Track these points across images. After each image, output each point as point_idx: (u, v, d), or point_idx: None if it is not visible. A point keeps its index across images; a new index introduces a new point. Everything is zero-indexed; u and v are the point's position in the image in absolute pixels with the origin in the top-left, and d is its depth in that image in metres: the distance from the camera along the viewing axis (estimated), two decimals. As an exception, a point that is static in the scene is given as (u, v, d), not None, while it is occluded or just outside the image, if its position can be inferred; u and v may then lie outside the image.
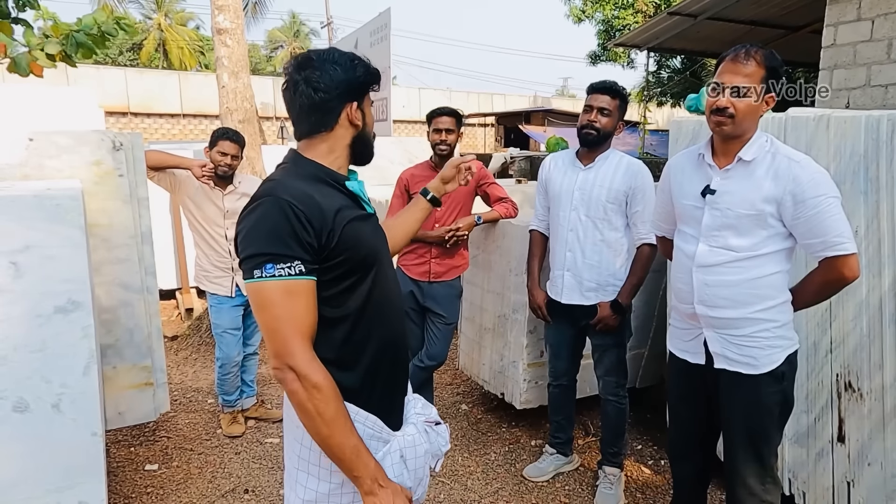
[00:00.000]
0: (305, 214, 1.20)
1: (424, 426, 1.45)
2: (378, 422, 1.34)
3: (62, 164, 2.44)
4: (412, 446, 1.37)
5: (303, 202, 1.21)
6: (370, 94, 1.43)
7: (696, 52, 11.43)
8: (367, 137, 1.42)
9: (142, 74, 21.98)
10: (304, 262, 1.19)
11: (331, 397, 1.21)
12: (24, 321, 1.86)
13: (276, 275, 1.17)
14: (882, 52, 4.74)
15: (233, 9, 4.99)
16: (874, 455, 2.17)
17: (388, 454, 1.33)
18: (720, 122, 1.76)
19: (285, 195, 1.21)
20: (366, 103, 1.40)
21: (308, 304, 1.21)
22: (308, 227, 1.20)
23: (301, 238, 1.19)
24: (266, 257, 1.17)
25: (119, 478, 2.92)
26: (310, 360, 1.20)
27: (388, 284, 1.40)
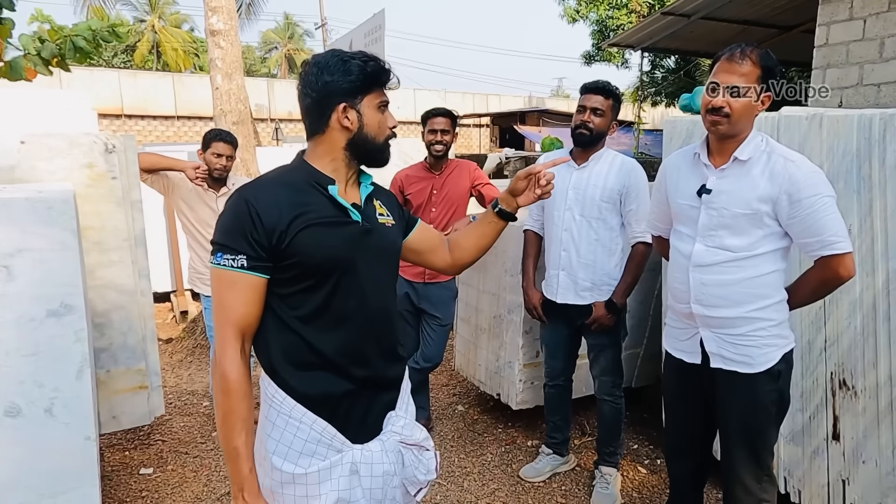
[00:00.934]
0: (258, 212, 1.24)
1: (399, 447, 1.39)
2: (329, 429, 1.31)
3: (54, 166, 2.42)
4: (368, 463, 1.33)
5: (260, 200, 1.25)
6: (381, 93, 1.36)
7: (689, 51, 11.46)
8: (364, 140, 1.35)
9: (135, 76, 21.89)
10: (249, 258, 1.24)
11: (232, 391, 1.24)
12: (17, 325, 1.85)
13: (222, 264, 1.24)
14: (874, 51, 4.76)
15: (226, 10, 4.97)
16: (869, 453, 2.18)
17: (337, 465, 1.31)
18: (716, 121, 1.76)
19: (249, 193, 1.28)
20: (365, 104, 1.33)
21: (246, 297, 1.25)
22: (258, 225, 1.23)
23: (248, 234, 1.23)
24: (218, 246, 1.26)
25: (114, 482, 2.90)
26: (230, 349, 1.25)
27: (362, 295, 1.33)
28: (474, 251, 1.63)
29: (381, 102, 1.36)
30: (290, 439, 1.30)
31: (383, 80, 1.35)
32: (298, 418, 1.30)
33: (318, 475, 1.30)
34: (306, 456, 1.30)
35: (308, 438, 1.30)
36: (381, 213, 1.44)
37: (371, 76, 1.32)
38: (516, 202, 1.57)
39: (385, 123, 1.37)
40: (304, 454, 1.30)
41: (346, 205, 1.34)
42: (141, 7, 31.97)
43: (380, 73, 1.34)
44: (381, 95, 1.35)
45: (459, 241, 1.64)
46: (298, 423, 1.30)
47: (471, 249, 1.63)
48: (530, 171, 1.55)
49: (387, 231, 1.44)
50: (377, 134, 1.35)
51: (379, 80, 1.34)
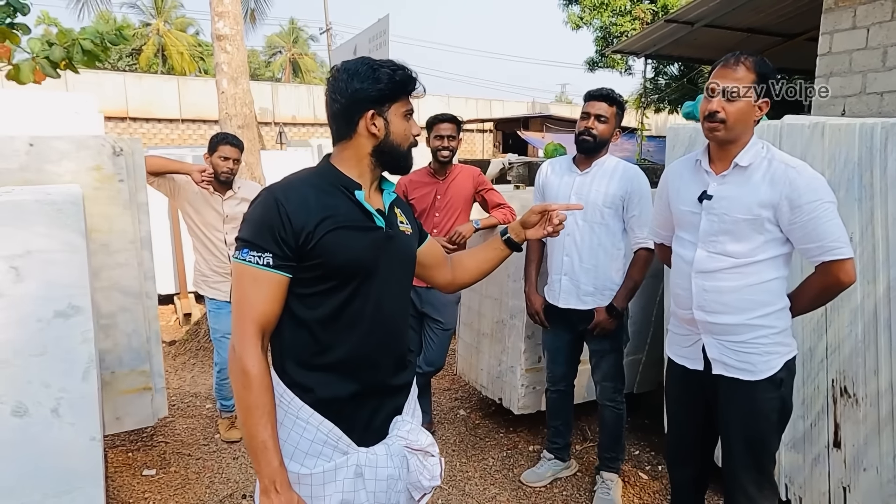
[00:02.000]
0: (287, 212, 1.25)
1: (404, 451, 1.39)
2: (335, 430, 1.32)
3: (62, 169, 2.45)
4: (373, 466, 1.34)
5: (291, 200, 1.27)
6: (407, 101, 1.38)
7: (693, 59, 11.49)
8: (390, 147, 1.37)
9: (141, 79, 21.99)
10: (275, 257, 1.25)
11: (254, 386, 1.24)
12: (25, 325, 1.87)
13: (248, 260, 1.25)
14: (877, 60, 4.78)
15: (232, 15, 5.01)
16: (870, 460, 2.18)
17: (342, 467, 1.32)
18: (712, 127, 1.78)
19: (280, 192, 1.29)
20: (392, 112, 1.35)
21: (269, 294, 1.26)
22: (287, 225, 1.25)
23: (276, 233, 1.25)
24: (244, 243, 1.27)
25: (117, 483, 2.91)
26: (250, 345, 1.25)
27: (378, 301, 1.35)
28: (475, 273, 1.67)
29: (407, 111, 1.38)
30: (296, 439, 1.32)
31: (410, 88, 1.36)
32: (305, 419, 1.31)
33: (322, 476, 1.31)
34: (312, 457, 1.32)
35: (314, 439, 1.31)
36: (401, 221, 1.46)
37: (399, 84, 1.34)
38: (525, 234, 1.62)
39: (410, 131, 1.40)
40: (310, 455, 1.32)
41: (372, 210, 1.36)
42: (147, 11, 32.16)
43: (407, 81, 1.35)
44: (407, 104, 1.37)
45: (462, 261, 1.67)
46: (305, 424, 1.31)
47: (472, 271, 1.66)
48: (546, 207, 1.58)
49: (407, 239, 1.46)
50: (402, 141, 1.38)
51: (406, 89, 1.36)
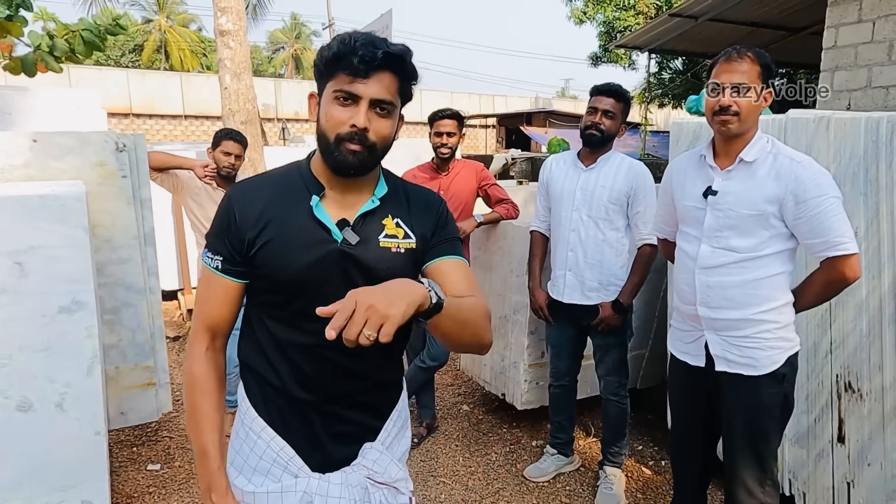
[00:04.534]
0: (236, 213, 1.15)
1: (366, 482, 1.20)
2: (287, 449, 1.19)
3: (66, 164, 2.45)
4: (324, 495, 1.17)
5: (241, 202, 1.17)
6: (346, 79, 1.08)
7: (697, 53, 11.43)
8: (319, 136, 1.13)
9: (144, 76, 22.02)
10: (224, 261, 1.17)
11: (195, 388, 1.19)
12: (29, 321, 1.88)
13: (205, 261, 1.20)
14: (883, 53, 4.75)
15: (235, 11, 5.01)
16: (874, 455, 2.17)
17: (289, 491, 1.17)
18: (725, 120, 1.77)
19: (237, 190, 1.21)
20: (325, 93, 1.11)
21: (219, 298, 1.19)
22: (234, 227, 1.15)
23: (225, 236, 1.16)
24: (207, 242, 1.21)
25: (121, 477, 2.93)
26: (196, 347, 1.21)
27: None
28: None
29: (338, 91, 1.08)
30: (247, 453, 1.22)
31: (344, 65, 1.07)
32: (257, 432, 1.21)
33: (266, 497, 1.18)
34: (260, 474, 1.20)
35: (263, 456, 1.20)
36: (389, 235, 1.18)
37: (331, 60, 1.08)
38: None
39: (340, 118, 1.09)
40: (258, 472, 1.20)
41: (327, 221, 1.14)
42: (149, 7, 32.15)
43: (339, 56, 1.07)
44: (342, 83, 1.08)
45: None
46: (256, 438, 1.21)
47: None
48: None
49: (386, 256, 1.16)
50: (326, 129, 1.11)
51: (342, 64, 1.07)
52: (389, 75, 1.09)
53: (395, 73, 1.10)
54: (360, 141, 1.09)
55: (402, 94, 1.15)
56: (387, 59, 1.07)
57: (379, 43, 1.07)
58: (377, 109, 1.10)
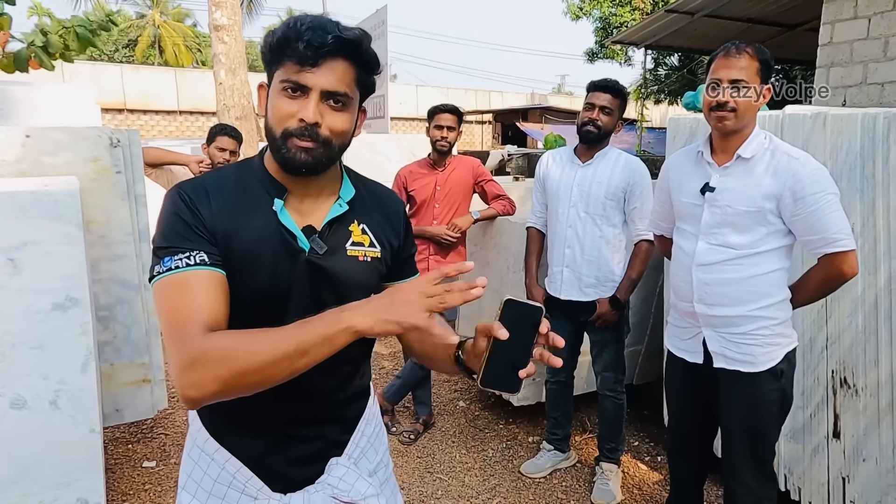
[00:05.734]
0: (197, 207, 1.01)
1: (330, 501, 1.12)
2: (243, 470, 1.09)
3: (59, 160, 2.43)
4: None
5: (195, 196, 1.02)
6: (294, 68, 0.96)
7: (693, 49, 11.44)
8: (267, 130, 1.01)
9: (138, 71, 21.89)
10: (209, 254, 0.99)
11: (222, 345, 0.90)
12: (22, 318, 1.86)
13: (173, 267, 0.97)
14: (878, 49, 4.76)
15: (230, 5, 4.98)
16: (869, 451, 2.18)
17: None
18: (722, 116, 1.76)
19: (185, 185, 1.06)
20: (273, 82, 1.00)
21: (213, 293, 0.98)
22: (200, 218, 1.00)
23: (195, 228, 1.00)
24: (161, 250, 1.01)
25: (117, 475, 2.91)
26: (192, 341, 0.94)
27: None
28: (419, 354, 1.19)
29: (282, 81, 0.97)
30: (199, 475, 1.11)
31: (289, 52, 0.95)
32: (211, 454, 1.10)
33: None
34: (216, 498, 1.10)
35: (218, 479, 1.10)
36: (356, 242, 1.09)
37: (276, 46, 0.97)
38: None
39: (286, 110, 0.97)
40: (214, 496, 1.10)
41: (294, 228, 1.04)
42: (143, 2, 31.95)
43: (285, 41, 0.95)
44: (289, 72, 0.97)
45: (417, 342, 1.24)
46: (210, 460, 1.11)
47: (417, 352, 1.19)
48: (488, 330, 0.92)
49: (354, 266, 1.08)
50: (272, 124, 0.99)
51: (286, 51, 0.96)
52: (343, 63, 0.97)
53: (351, 61, 0.98)
54: (311, 137, 0.98)
55: (360, 85, 1.02)
56: (339, 44, 0.95)
57: (329, 26, 0.96)
58: (330, 102, 0.98)
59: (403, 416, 3.47)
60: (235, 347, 0.88)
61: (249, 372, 0.87)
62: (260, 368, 0.86)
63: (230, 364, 0.87)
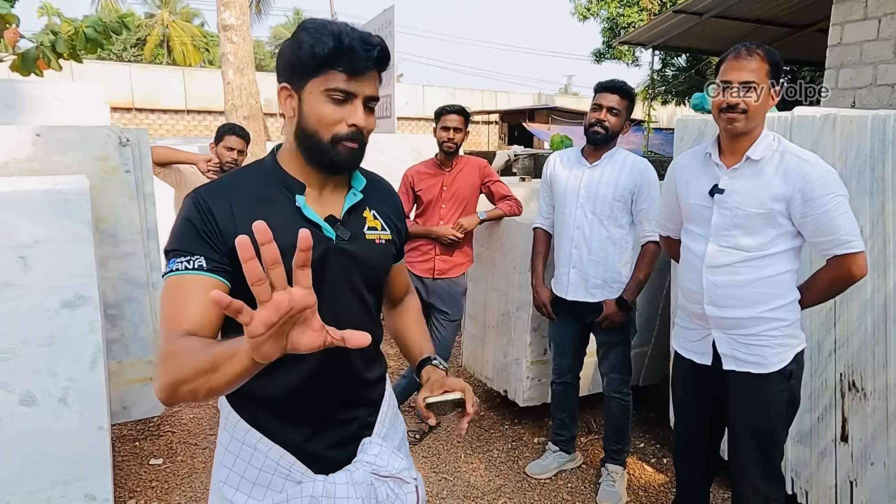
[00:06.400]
0: (213, 212, 1.05)
1: (370, 478, 1.18)
2: (287, 457, 1.14)
3: (69, 159, 2.44)
4: (332, 497, 1.14)
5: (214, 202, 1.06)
6: (338, 77, 1.04)
7: (701, 50, 11.39)
8: (305, 135, 1.08)
9: (146, 70, 22.01)
10: (208, 259, 1.03)
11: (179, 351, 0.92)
12: (32, 315, 1.88)
13: (175, 269, 1.03)
14: (888, 51, 4.73)
15: (238, 5, 5.00)
16: (877, 455, 2.17)
17: (295, 498, 1.13)
18: (732, 118, 1.75)
19: (202, 192, 1.09)
20: (308, 89, 1.06)
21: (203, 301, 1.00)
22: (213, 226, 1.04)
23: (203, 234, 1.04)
24: (169, 253, 1.07)
25: (124, 472, 2.93)
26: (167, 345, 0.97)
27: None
28: (393, 332, 1.41)
29: (331, 90, 1.04)
30: (242, 467, 1.15)
31: (343, 62, 1.03)
32: (252, 445, 1.15)
33: None
34: (261, 487, 1.15)
35: (263, 467, 1.14)
36: (371, 227, 1.19)
37: (326, 56, 1.03)
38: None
39: (333, 117, 1.06)
40: (259, 485, 1.15)
41: (318, 219, 1.11)
42: (152, 2, 32.12)
43: (336, 52, 1.02)
44: (333, 80, 1.04)
45: (400, 316, 1.41)
46: (252, 450, 1.15)
47: (393, 330, 1.41)
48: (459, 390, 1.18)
49: (373, 249, 1.18)
50: (318, 129, 1.06)
51: (334, 62, 1.03)
52: (375, 71, 1.09)
53: (380, 70, 1.10)
54: (358, 139, 1.08)
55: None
56: (380, 56, 1.07)
57: (372, 41, 1.05)
58: (367, 106, 1.09)
59: (408, 416, 3.48)
60: (181, 355, 0.91)
61: (181, 382, 0.90)
62: (188, 379, 0.89)
63: (172, 372, 0.91)
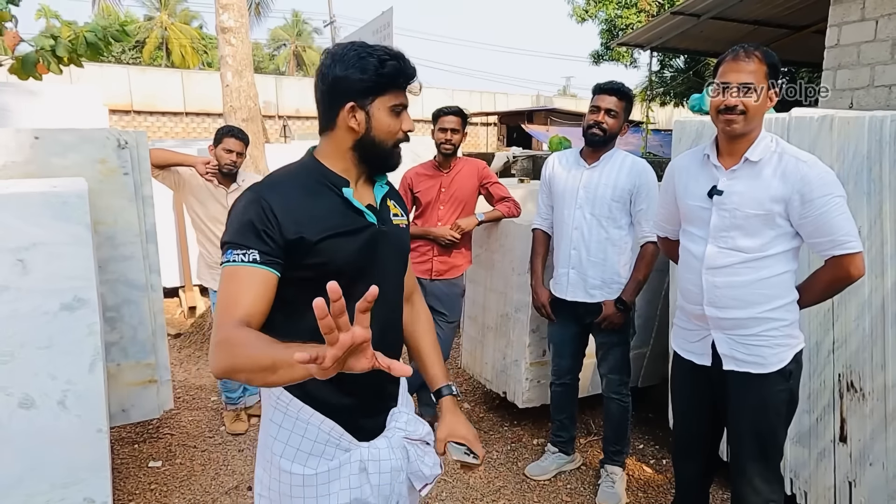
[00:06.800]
0: (273, 210, 1.18)
1: (403, 442, 1.37)
2: (336, 428, 1.30)
3: (67, 161, 2.44)
4: (376, 460, 1.32)
5: (275, 200, 1.19)
6: (399, 95, 1.26)
7: (699, 51, 11.41)
8: (371, 144, 1.27)
9: (145, 72, 21.99)
10: (262, 253, 1.16)
11: (239, 340, 1.07)
12: (31, 318, 1.87)
13: (232, 260, 1.16)
14: (886, 52, 4.74)
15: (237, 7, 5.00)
16: (876, 455, 2.17)
17: (346, 464, 1.30)
18: (731, 119, 1.76)
19: (264, 191, 1.22)
20: (376, 105, 1.24)
21: (255, 291, 1.15)
22: (273, 222, 1.17)
23: (261, 231, 1.17)
24: (227, 245, 1.19)
25: (123, 474, 2.93)
26: (226, 328, 1.11)
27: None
28: (408, 339, 1.56)
29: (395, 105, 1.26)
30: (297, 441, 1.29)
31: (401, 82, 1.25)
32: (306, 420, 1.29)
33: (327, 475, 1.30)
34: (315, 457, 1.30)
35: (316, 439, 1.29)
36: (395, 214, 1.40)
37: (387, 77, 1.22)
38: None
39: (397, 127, 1.28)
40: (313, 455, 1.30)
41: (362, 207, 1.29)
42: (151, 4, 32.13)
43: (397, 74, 1.23)
44: (397, 98, 1.26)
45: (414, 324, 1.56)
46: (306, 425, 1.29)
47: (408, 338, 1.57)
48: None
49: (401, 232, 1.40)
50: (386, 138, 1.27)
51: (395, 82, 1.24)
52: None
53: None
54: (406, 141, 1.32)
55: None
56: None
57: (411, 61, 1.27)
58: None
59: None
60: (241, 345, 1.07)
61: (239, 370, 1.06)
62: (245, 370, 1.05)
63: (231, 359, 1.07)
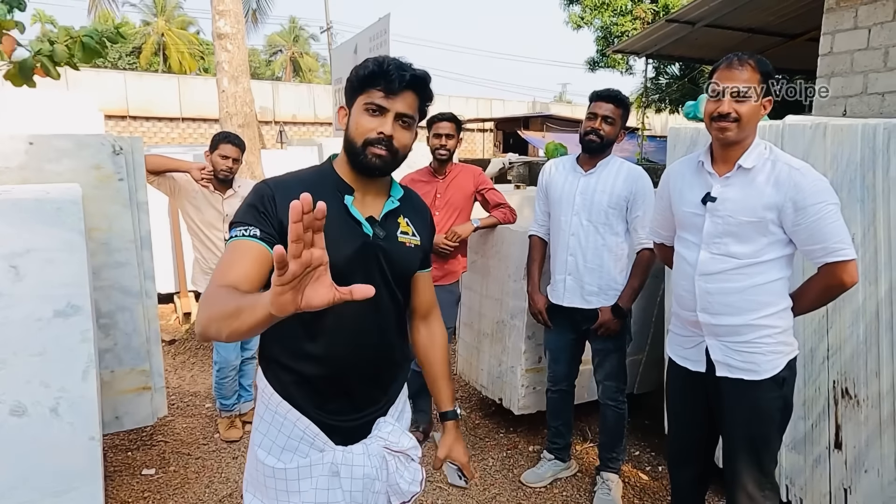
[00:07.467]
0: (275, 198, 1.24)
1: (383, 452, 1.38)
2: (312, 427, 1.33)
3: (62, 167, 2.44)
4: (349, 465, 1.33)
5: (280, 190, 1.26)
6: (375, 94, 1.27)
7: (694, 58, 11.48)
8: (347, 143, 1.31)
9: (141, 78, 21.99)
10: (262, 231, 1.21)
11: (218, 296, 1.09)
12: (24, 325, 1.86)
13: (235, 235, 1.22)
14: (879, 60, 4.77)
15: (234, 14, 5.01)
16: (871, 462, 2.17)
17: (317, 464, 1.33)
18: (724, 127, 1.77)
19: (273, 181, 1.31)
20: (354, 106, 1.30)
21: (249, 260, 1.17)
22: (272, 208, 1.24)
23: (262, 214, 1.23)
24: (233, 225, 1.25)
25: (116, 482, 2.91)
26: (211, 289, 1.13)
27: (351, 310, 1.14)
28: (420, 356, 1.61)
29: (368, 104, 1.27)
30: (274, 434, 1.34)
31: (376, 83, 1.26)
32: (283, 414, 1.33)
33: (297, 472, 1.33)
34: (288, 452, 1.34)
35: (291, 435, 1.33)
36: (403, 231, 1.39)
37: (364, 77, 1.27)
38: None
39: (369, 126, 1.27)
40: (287, 450, 1.34)
41: (360, 218, 1.31)
42: (148, 10, 32.15)
43: (374, 74, 1.26)
44: (372, 96, 1.27)
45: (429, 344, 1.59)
46: (283, 420, 1.34)
47: (420, 356, 1.61)
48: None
49: (402, 249, 1.38)
50: (356, 137, 1.28)
51: (373, 82, 1.27)
52: (412, 94, 1.29)
53: (417, 94, 1.30)
54: (386, 147, 1.27)
55: (419, 111, 1.33)
56: (413, 80, 1.27)
57: (407, 67, 1.27)
58: (400, 122, 1.29)
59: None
60: (216, 299, 1.09)
61: (212, 321, 1.06)
62: (216, 319, 1.05)
63: (205, 312, 1.09)
